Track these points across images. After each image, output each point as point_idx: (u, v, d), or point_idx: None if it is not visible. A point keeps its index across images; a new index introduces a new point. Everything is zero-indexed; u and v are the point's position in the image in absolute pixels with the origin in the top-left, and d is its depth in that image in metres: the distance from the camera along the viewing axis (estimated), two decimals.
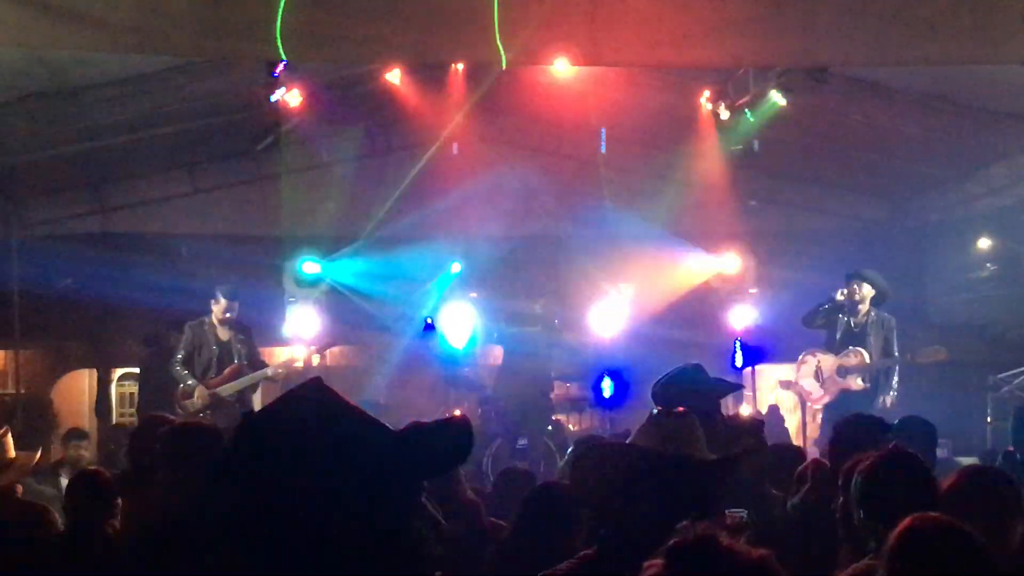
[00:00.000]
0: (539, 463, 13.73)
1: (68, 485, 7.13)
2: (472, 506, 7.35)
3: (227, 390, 13.59)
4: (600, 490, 4.43)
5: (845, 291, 15.18)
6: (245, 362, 13.78)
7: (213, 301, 13.82)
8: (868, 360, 14.83)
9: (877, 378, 14.90)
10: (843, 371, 14.99)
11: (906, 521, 4.16)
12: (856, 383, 14.88)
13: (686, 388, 6.65)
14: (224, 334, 13.81)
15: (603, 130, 16.65)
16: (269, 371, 13.86)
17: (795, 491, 7.12)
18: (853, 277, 15.24)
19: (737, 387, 11.40)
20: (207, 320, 13.82)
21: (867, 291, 15.13)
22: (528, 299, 16.00)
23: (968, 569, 4.09)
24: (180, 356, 13.83)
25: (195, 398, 13.58)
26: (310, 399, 2.36)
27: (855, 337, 15.02)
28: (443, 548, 2.40)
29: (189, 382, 13.69)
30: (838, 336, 15.17)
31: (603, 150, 16.52)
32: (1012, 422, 10.32)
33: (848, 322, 15.09)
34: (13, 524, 6.53)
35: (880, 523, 4.84)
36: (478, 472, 13.54)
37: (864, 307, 15.10)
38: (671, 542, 2.40)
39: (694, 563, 2.34)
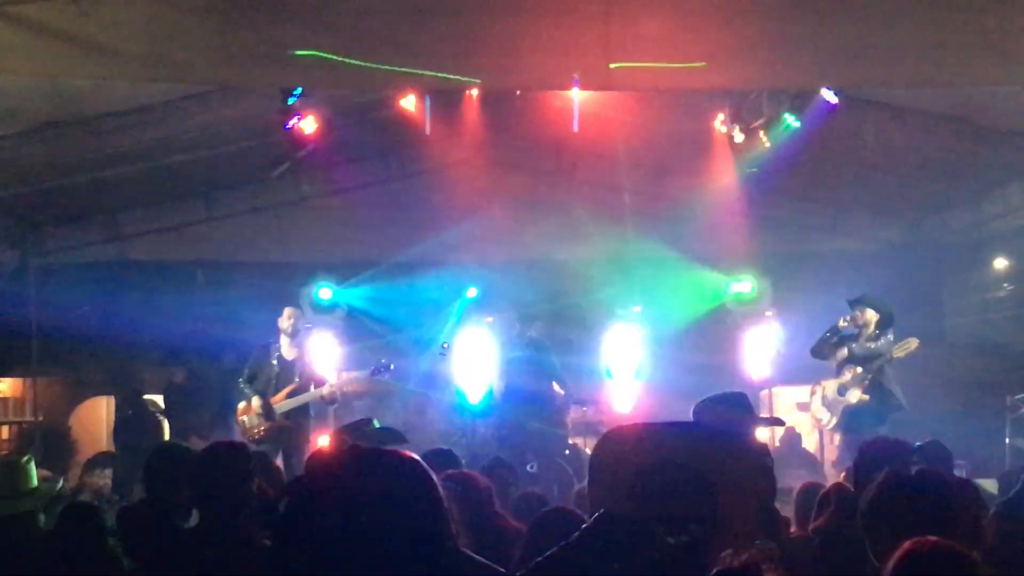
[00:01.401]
0: (552, 488, 13.67)
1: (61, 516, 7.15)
2: (511, 533, 7.29)
3: (282, 407, 13.64)
4: (616, 468, 4.43)
5: (848, 318, 15.12)
6: (304, 381, 13.83)
7: (279, 317, 13.96)
8: (859, 371, 14.81)
9: (873, 388, 14.81)
10: (842, 389, 14.96)
11: (905, 545, 4.16)
12: (855, 396, 14.83)
13: (727, 412, 6.62)
14: (289, 352, 13.87)
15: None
16: (325, 390, 13.87)
17: (817, 515, 7.11)
18: (855, 304, 15.17)
19: (778, 422, 11.49)
20: (275, 341, 13.93)
21: (871, 315, 15.06)
22: (536, 322, 15.91)
23: None
24: (245, 374, 13.93)
25: (251, 413, 13.67)
26: (353, 469, 2.41)
27: (856, 359, 14.98)
28: None
29: (249, 393, 13.77)
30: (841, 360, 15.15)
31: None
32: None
33: (853, 348, 15.04)
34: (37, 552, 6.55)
35: (883, 547, 4.84)
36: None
37: (870, 330, 15.02)
38: (715, 571, 2.40)
39: None
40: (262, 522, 6.34)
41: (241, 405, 13.84)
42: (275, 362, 13.88)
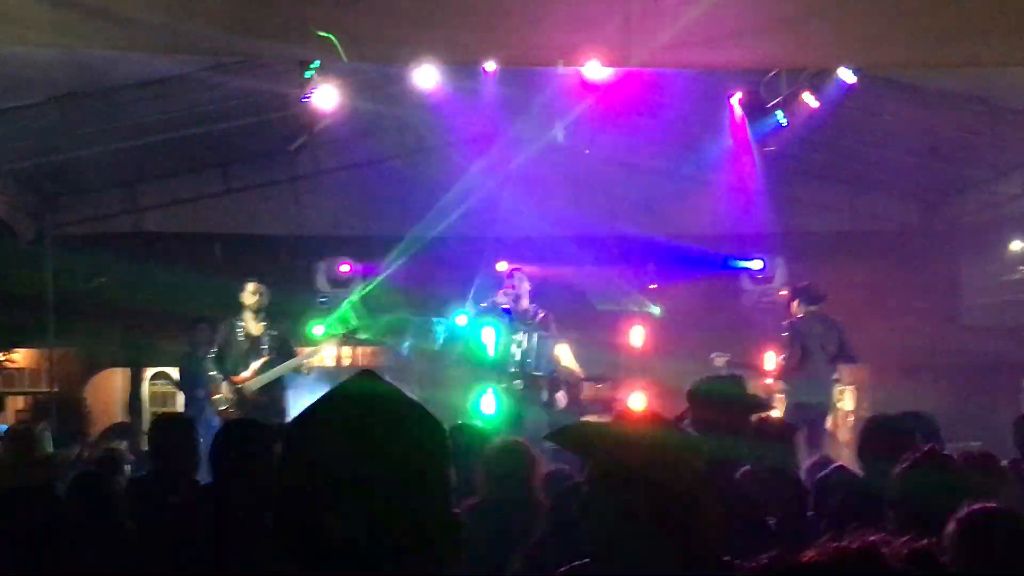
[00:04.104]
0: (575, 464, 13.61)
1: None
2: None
3: (253, 384, 13.57)
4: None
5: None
6: (274, 355, 13.73)
7: (241, 292, 13.82)
8: None
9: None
10: None
11: (965, 510, 4.22)
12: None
13: (721, 398, 6.60)
14: (255, 328, 13.78)
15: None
16: (294, 362, 13.80)
17: (821, 498, 7.12)
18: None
19: (769, 407, 11.44)
20: (239, 316, 13.83)
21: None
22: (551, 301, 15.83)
23: None
24: (213, 353, 13.87)
25: (223, 393, 13.62)
26: (361, 390, 2.39)
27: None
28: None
29: (214, 375, 13.72)
30: None
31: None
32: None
33: None
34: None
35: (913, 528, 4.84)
36: None
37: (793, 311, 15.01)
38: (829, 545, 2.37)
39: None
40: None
41: (212, 386, 13.81)
42: (242, 339, 13.80)
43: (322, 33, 9.73)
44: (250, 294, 13.76)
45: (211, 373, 13.74)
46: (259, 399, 13.50)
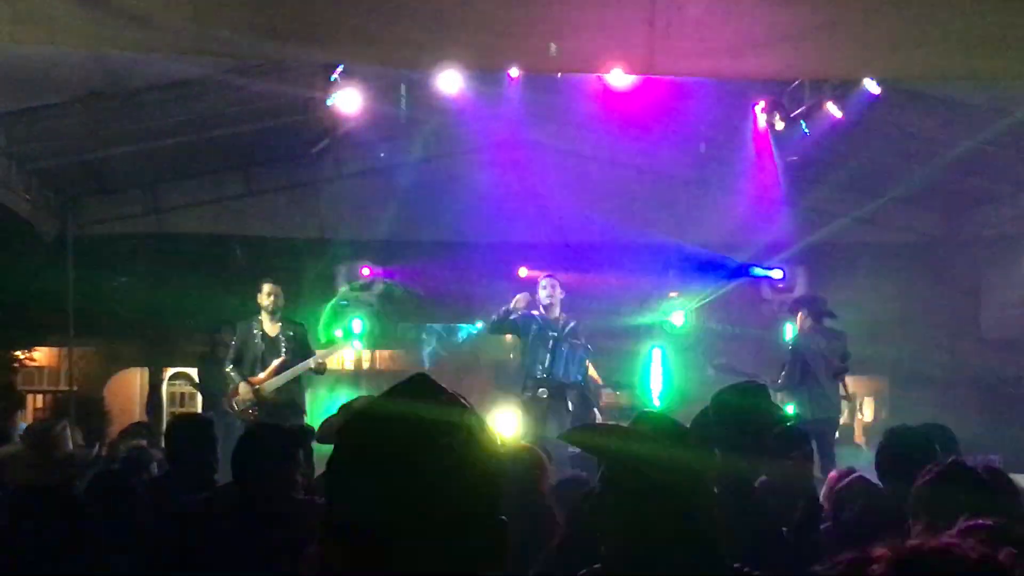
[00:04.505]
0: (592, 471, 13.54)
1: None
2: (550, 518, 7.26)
3: (270, 385, 13.58)
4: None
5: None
6: (291, 356, 13.74)
7: (258, 293, 13.84)
8: None
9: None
10: None
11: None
12: None
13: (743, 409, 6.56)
14: (272, 329, 13.78)
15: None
16: (311, 362, 13.81)
17: (838, 507, 7.10)
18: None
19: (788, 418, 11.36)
20: (256, 318, 13.84)
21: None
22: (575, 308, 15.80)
23: None
24: (231, 355, 13.88)
25: (241, 396, 13.63)
26: (414, 392, 2.42)
27: None
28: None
29: (235, 377, 13.74)
30: None
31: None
32: None
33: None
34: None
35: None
36: None
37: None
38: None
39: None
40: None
41: (231, 388, 13.83)
42: (259, 340, 13.81)
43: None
44: (265, 295, 13.77)
45: (230, 374, 13.76)
46: (277, 399, 13.51)
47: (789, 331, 15.71)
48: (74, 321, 16.90)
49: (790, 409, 14.50)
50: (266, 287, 13.80)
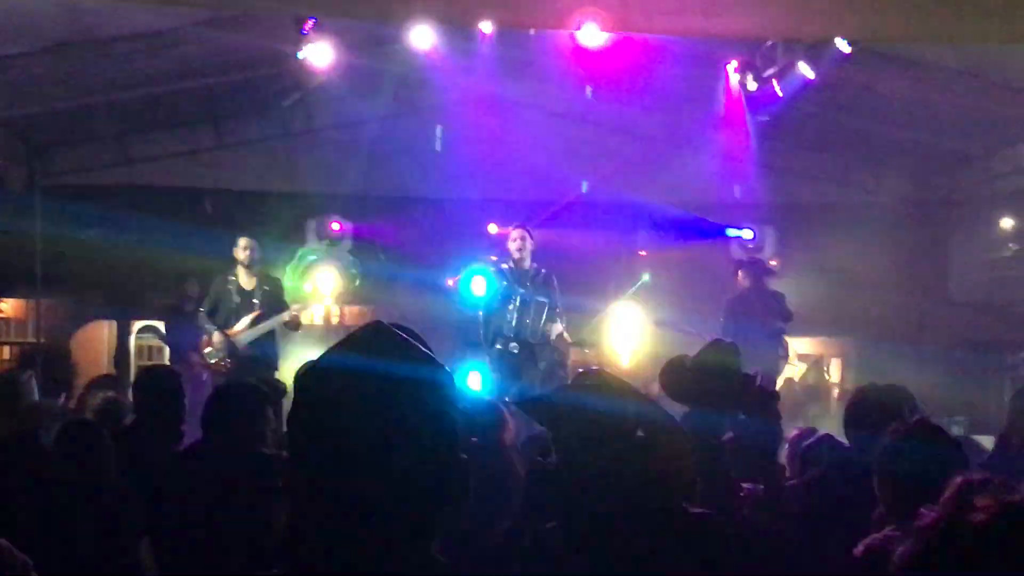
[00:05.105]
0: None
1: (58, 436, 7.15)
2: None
3: (244, 337, 13.58)
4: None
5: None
6: (266, 310, 13.74)
7: (234, 247, 13.81)
8: None
9: None
10: None
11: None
12: None
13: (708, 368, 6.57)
14: (248, 283, 13.78)
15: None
16: (285, 315, 13.82)
17: (804, 466, 7.14)
18: None
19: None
20: (232, 271, 13.83)
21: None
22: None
23: None
24: (205, 306, 13.87)
25: (214, 347, 13.63)
26: (372, 339, 2.42)
27: None
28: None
29: (209, 327, 13.73)
30: None
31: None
32: (1012, 403, 9.98)
33: None
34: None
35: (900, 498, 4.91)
36: None
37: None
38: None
39: None
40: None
41: (203, 339, 13.82)
42: (234, 293, 13.81)
43: None
44: (242, 249, 13.76)
45: (205, 326, 13.74)
46: (249, 352, 13.51)
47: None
48: (42, 273, 16.81)
49: None
50: (242, 241, 13.79)
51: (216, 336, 13.54)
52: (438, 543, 2.38)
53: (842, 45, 13.36)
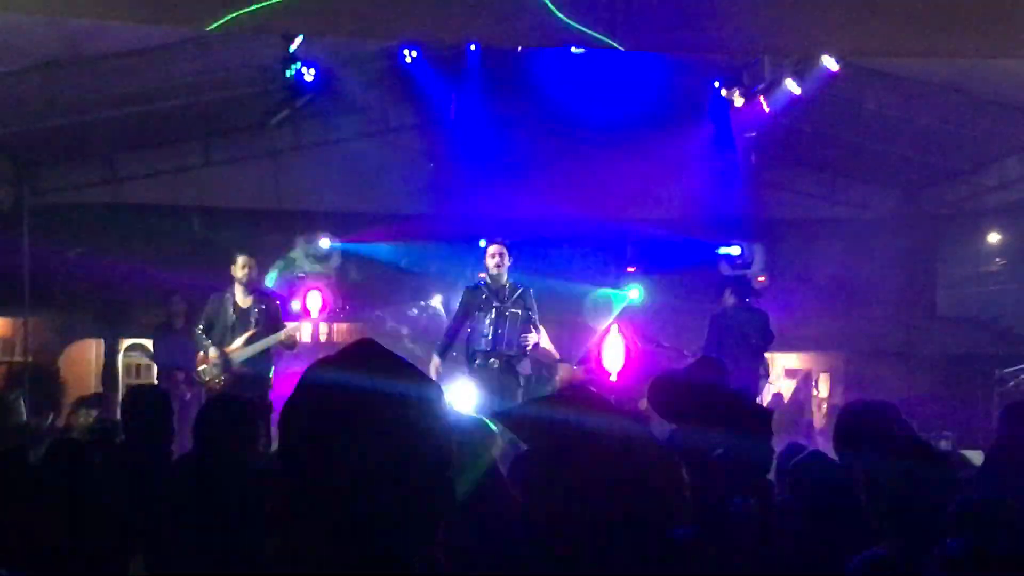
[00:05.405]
0: None
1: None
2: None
3: (239, 356, 13.53)
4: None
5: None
6: (261, 328, 13.68)
7: (232, 264, 13.74)
8: None
9: None
10: None
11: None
12: None
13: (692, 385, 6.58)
14: (244, 301, 13.70)
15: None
16: (282, 335, 13.76)
17: (796, 483, 7.14)
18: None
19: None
20: (229, 289, 13.77)
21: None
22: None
23: None
24: (202, 324, 13.81)
25: (209, 364, 13.58)
26: (360, 356, 2.43)
27: None
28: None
29: (204, 345, 13.67)
30: None
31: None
32: (1001, 418, 9.92)
33: None
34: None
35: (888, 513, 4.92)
36: None
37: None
38: None
39: None
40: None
41: (199, 355, 13.77)
42: (231, 311, 13.76)
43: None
44: (240, 267, 13.67)
45: (201, 343, 13.69)
46: (244, 371, 13.46)
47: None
48: (29, 291, 16.80)
49: None
50: (241, 259, 13.68)
51: (212, 353, 13.51)
52: (429, 558, 2.38)
53: (829, 62, 13.41)
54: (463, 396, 13.63)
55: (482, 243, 15.81)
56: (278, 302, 14.17)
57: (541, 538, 3.88)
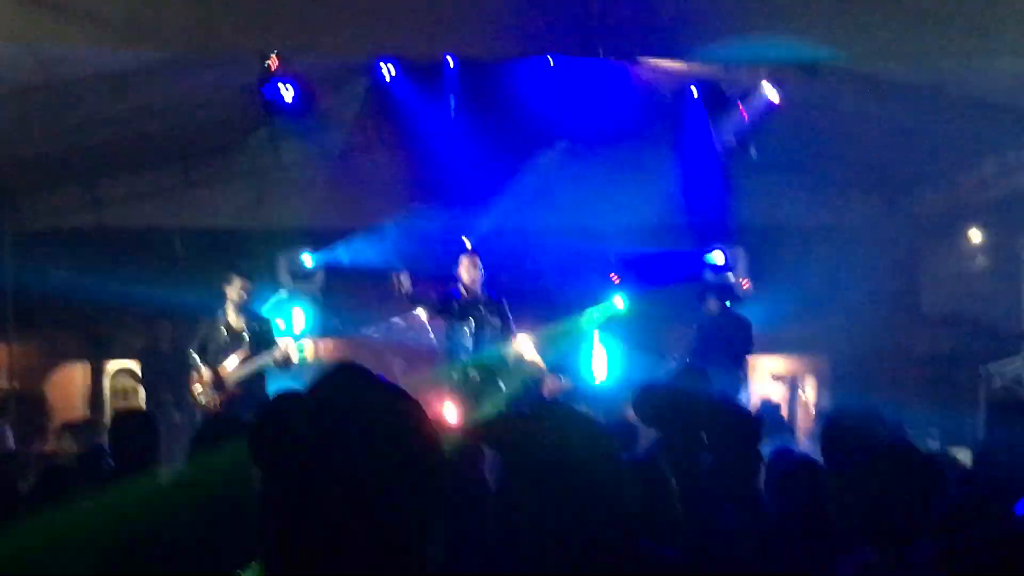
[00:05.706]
0: None
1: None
2: None
3: (233, 376, 13.48)
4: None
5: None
6: (254, 349, 13.63)
7: (226, 285, 13.66)
8: None
9: None
10: None
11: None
12: None
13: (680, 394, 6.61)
14: (237, 321, 13.65)
15: None
16: (276, 354, 13.70)
17: (783, 489, 7.15)
18: None
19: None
20: (222, 310, 13.71)
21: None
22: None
23: None
24: (195, 345, 13.77)
25: (204, 385, 13.54)
26: (341, 376, 2.42)
27: None
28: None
29: (199, 366, 13.62)
30: None
31: None
32: (988, 417, 9.91)
33: None
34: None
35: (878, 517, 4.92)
36: None
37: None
38: None
39: None
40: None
41: (193, 376, 13.73)
42: (223, 332, 13.71)
43: None
44: (236, 289, 13.63)
45: (195, 364, 13.64)
46: (237, 392, 13.42)
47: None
48: (13, 316, 16.77)
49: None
50: (237, 281, 13.62)
51: (206, 372, 13.47)
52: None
53: (806, 67, 13.45)
54: (452, 408, 13.66)
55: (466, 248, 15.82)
56: (270, 323, 14.15)
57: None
